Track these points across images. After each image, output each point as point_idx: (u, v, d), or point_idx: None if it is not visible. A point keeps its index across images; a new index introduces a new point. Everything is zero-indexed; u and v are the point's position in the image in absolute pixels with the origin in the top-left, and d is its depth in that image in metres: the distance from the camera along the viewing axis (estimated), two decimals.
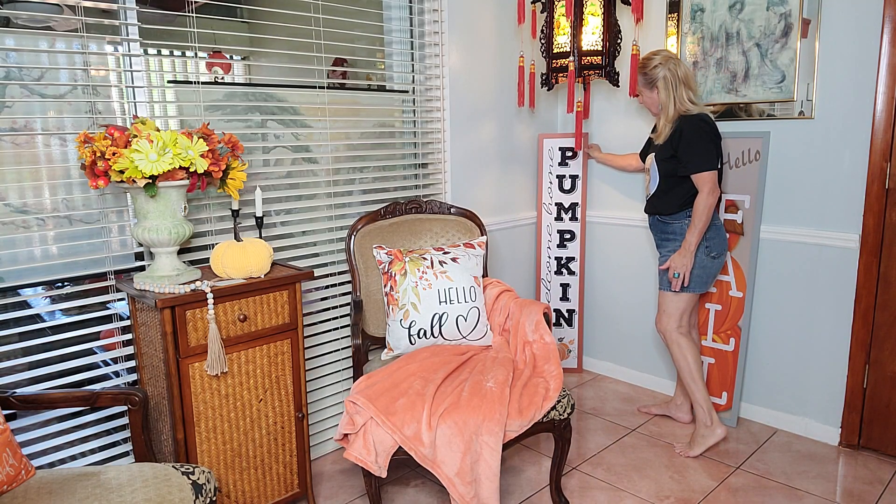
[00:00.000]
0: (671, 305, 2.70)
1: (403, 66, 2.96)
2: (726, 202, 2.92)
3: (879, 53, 2.46)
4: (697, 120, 2.53)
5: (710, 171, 2.51)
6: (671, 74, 2.55)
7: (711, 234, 2.61)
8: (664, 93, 2.58)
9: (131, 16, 2.08)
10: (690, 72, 2.63)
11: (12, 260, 1.98)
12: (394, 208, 2.70)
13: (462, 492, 1.95)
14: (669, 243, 2.70)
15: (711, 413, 2.70)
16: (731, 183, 2.89)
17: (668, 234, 2.70)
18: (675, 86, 2.56)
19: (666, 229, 2.71)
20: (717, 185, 2.53)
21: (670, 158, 2.59)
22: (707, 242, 2.61)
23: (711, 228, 2.61)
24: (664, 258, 2.71)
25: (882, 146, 2.50)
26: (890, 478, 2.52)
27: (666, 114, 2.59)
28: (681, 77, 2.56)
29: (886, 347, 2.61)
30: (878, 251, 2.56)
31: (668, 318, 2.72)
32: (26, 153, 1.98)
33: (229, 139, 2.08)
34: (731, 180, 2.89)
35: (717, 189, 2.53)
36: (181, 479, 1.62)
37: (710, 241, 2.62)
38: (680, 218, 2.65)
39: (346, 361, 2.80)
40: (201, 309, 1.92)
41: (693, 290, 2.66)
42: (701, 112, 2.56)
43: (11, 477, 1.55)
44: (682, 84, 2.56)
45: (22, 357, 2.01)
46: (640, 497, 2.42)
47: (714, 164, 2.52)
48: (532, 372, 2.28)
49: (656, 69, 2.58)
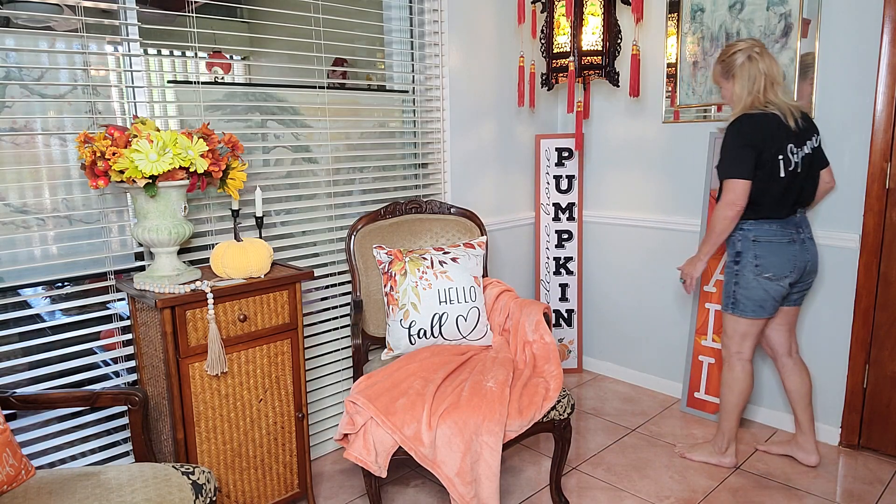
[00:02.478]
0: (728, 326, 2.48)
1: (403, 66, 2.96)
2: None
3: (879, 53, 2.46)
4: (742, 119, 2.28)
5: (734, 178, 2.25)
6: (752, 64, 2.27)
7: (763, 250, 2.33)
8: (739, 83, 2.30)
9: (131, 16, 2.08)
10: (777, 65, 2.31)
11: (12, 260, 1.98)
12: (394, 208, 2.70)
13: (462, 492, 1.95)
14: (726, 257, 2.48)
15: (731, 444, 2.58)
16: None
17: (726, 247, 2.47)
18: (755, 78, 2.27)
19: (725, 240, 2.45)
20: (741, 197, 2.24)
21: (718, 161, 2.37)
22: (757, 261, 2.33)
23: (764, 245, 2.33)
24: (725, 275, 2.48)
25: (882, 146, 2.50)
26: (890, 478, 2.52)
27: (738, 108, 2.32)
28: (763, 69, 2.27)
29: (886, 347, 2.61)
30: (878, 251, 2.56)
31: (728, 339, 2.49)
32: (26, 153, 1.98)
33: (229, 139, 2.08)
34: None
35: (741, 202, 2.25)
36: (181, 479, 1.62)
37: (760, 259, 2.33)
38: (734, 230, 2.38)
39: (346, 361, 2.80)
40: (201, 309, 1.92)
41: (745, 313, 2.39)
42: (765, 112, 2.27)
43: (11, 477, 1.55)
44: (763, 76, 2.27)
45: (22, 357, 2.01)
46: (640, 497, 2.42)
47: (742, 173, 2.24)
48: (532, 372, 2.28)
49: (735, 56, 2.30)
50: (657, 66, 3.14)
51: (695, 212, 3.10)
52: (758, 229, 2.34)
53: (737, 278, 2.39)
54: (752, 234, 2.35)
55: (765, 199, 2.30)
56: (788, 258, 2.33)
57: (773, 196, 2.30)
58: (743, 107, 2.30)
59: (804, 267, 2.37)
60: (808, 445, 2.59)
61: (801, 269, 2.36)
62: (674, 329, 3.27)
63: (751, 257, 2.34)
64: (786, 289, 2.37)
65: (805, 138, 2.32)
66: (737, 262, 2.39)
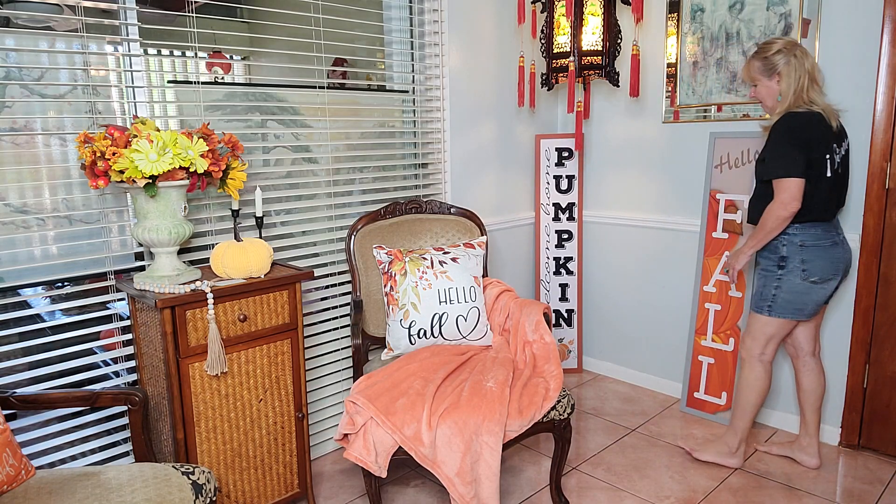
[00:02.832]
0: (758, 328, 2.42)
1: (403, 66, 2.96)
2: (725, 202, 2.92)
3: (879, 53, 2.46)
4: (791, 117, 2.24)
5: (787, 177, 2.19)
6: (797, 62, 2.25)
7: (810, 254, 2.27)
8: (786, 81, 2.26)
9: (131, 16, 2.08)
10: (817, 65, 2.35)
11: (12, 260, 1.98)
12: (394, 208, 2.70)
13: (462, 492, 1.95)
14: (762, 260, 2.40)
15: (742, 445, 2.58)
16: (732, 183, 2.89)
17: (763, 251, 2.39)
18: (800, 76, 2.25)
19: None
20: (797, 197, 2.18)
21: (761, 161, 2.31)
22: (805, 265, 2.28)
23: (810, 249, 2.28)
24: (759, 277, 2.42)
25: (882, 146, 2.50)
26: (890, 478, 2.52)
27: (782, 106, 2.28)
28: (807, 68, 2.25)
29: (886, 347, 2.61)
30: (879, 251, 2.56)
31: (753, 340, 2.44)
32: (26, 153, 1.98)
33: (229, 139, 2.08)
34: (732, 180, 2.89)
35: (797, 202, 2.19)
36: (181, 479, 1.62)
37: (807, 264, 2.27)
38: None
39: (346, 361, 2.80)
40: (201, 309, 1.92)
41: (782, 314, 2.35)
42: (811, 111, 2.24)
43: (11, 477, 1.55)
44: (806, 75, 2.25)
45: (22, 357, 2.01)
46: (640, 497, 2.42)
47: (796, 171, 2.18)
48: (532, 372, 2.28)
49: (779, 55, 2.27)
50: (657, 66, 3.14)
51: (695, 212, 3.10)
52: (804, 234, 2.28)
53: (779, 282, 2.33)
54: (799, 238, 2.29)
55: (813, 200, 2.24)
56: (834, 261, 2.29)
57: (822, 197, 2.25)
58: (787, 105, 2.27)
59: (847, 268, 2.35)
60: (810, 448, 2.58)
61: (844, 270, 2.34)
62: (674, 329, 3.27)
63: (797, 262, 2.28)
64: (830, 291, 2.35)
65: (842, 139, 2.31)
66: (781, 267, 2.32)
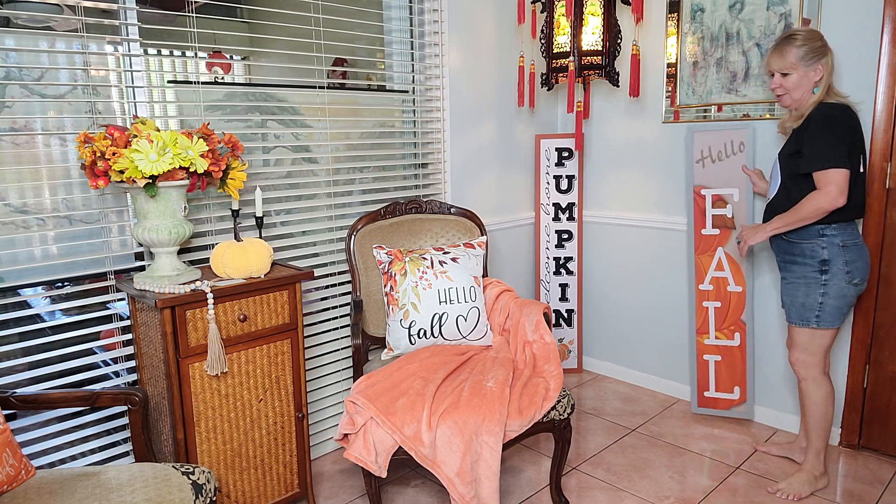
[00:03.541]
0: (812, 343, 2.30)
1: (403, 66, 2.96)
2: (713, 197, 2.91)
3: (879, 53, 2.46)
4: (829, 107, 2.14)
5: (834, 168, 2.07)
6: (831, 53, 2.21)
7: (852, 255, 2.19)
8: (828, 70, 2.20)
9: (131, 16, 2.08)
10: None
11: (12, 260, 1.98)
12: (394, 208, 2.70)
13: (462, 492, 1.95)
14: (796, 267, 2.27)
15: (824, 463, 2.43)
16: (716, 177, 2.89)
17: (794, 256, 2.27)
18: (832, 68, 2.21)
19: (791, 249, 2.28)
20: (843, 189, 2.07)
21: (795, 154, 2.20)
22: (848, 267, 2.19)
23: (851, 249, 2.19)
24: (788, 286, 2.31)
25: (882, 146, 2.50)
26: (890, 478, 2.51)
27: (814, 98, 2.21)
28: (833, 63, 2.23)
29: (886, 347, 2.61)
30: (879, 251, 2.56)
31: (811, 356, 2.31)
32: (26, 153, 1.98)
33: (229, 139, 2.08)
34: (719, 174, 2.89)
35: (843, 197, 2.07)
36: (181, 479, 1.62)
37: (850, 265, 2.19)
38: (811, 236, 2.21)
39: (346, 361, 2.80)
40: (201, 309, 1.92)
41: (832, 323, 2.25)
42: (840, 102, 2.19)
43: (11, 477, 1.55)
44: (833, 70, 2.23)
45: (22, 357, 2.01)
46: (640, 497, 2.42)
47: (842, 161, 2.07)
48: (532, 372, 2.28)
49: (822, 43, 2.19)
50: (657, 66, 3.14)
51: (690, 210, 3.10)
52: (843, 234, 2.20)
53: (824, 289, 2.22)
54: (840, 239, 2.19)
55: (852, 197, 2.14)
56: (868, 262, 2.25)
57: (859, 193, 2.19)
58: (819, 97, 2.20)
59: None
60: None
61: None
62: (674, 329, 3.27)
63: (841, 264, 2.18)
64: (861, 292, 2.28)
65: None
66: (824, 272, 2.21)
